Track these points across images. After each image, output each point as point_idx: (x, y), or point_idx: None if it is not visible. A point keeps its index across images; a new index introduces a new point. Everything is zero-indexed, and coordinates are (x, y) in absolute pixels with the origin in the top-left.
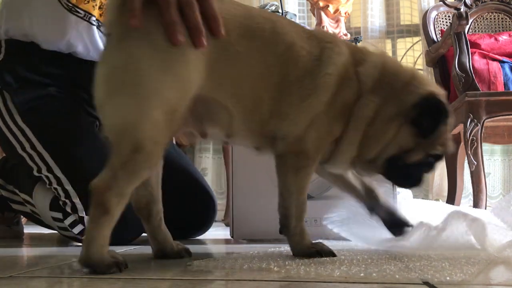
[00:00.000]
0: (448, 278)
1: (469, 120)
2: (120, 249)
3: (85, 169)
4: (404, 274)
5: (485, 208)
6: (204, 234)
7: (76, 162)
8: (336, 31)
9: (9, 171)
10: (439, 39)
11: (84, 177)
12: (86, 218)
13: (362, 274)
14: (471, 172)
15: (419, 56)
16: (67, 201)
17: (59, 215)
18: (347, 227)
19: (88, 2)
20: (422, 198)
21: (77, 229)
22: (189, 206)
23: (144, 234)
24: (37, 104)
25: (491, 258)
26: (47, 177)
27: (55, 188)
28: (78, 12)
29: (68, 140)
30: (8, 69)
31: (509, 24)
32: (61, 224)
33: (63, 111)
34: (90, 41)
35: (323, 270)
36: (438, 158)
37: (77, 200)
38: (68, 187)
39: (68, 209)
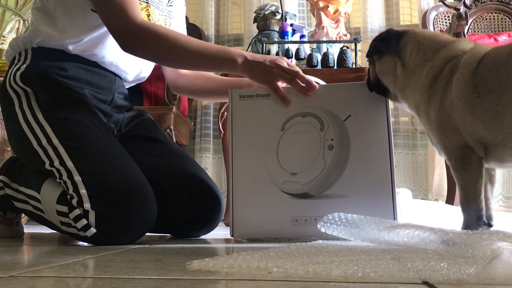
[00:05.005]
0: (447, 277)
1: None
2: (121, 249)
3: (97, 162)
4: (403, 274)
5: None
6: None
7: (89, 155)
8: (336, 31)
9: (18, 170)
10: None
11: (95, 169)
12: (91, 211)
13: (360, 274)
14: None
15: None
16: (74, 194)
17: (64, 209)
18: (339, 227)
19: None
20: (422, 198)
21: (80, 224)
22: (194, 205)
23: (146, 234)
24: (60, 104)
25: (490, 258)
26: (58, 170)
27: (65, 182)
28: None
29: (85, 138)
30: (36, 69)
31: (509, 25)
32: (64, 219)
33: (85, 113)
34: (121, 56)
35: (322, 270)
36: None
37: (84, 191)
38: (77, 178)
39: (74, 203)
